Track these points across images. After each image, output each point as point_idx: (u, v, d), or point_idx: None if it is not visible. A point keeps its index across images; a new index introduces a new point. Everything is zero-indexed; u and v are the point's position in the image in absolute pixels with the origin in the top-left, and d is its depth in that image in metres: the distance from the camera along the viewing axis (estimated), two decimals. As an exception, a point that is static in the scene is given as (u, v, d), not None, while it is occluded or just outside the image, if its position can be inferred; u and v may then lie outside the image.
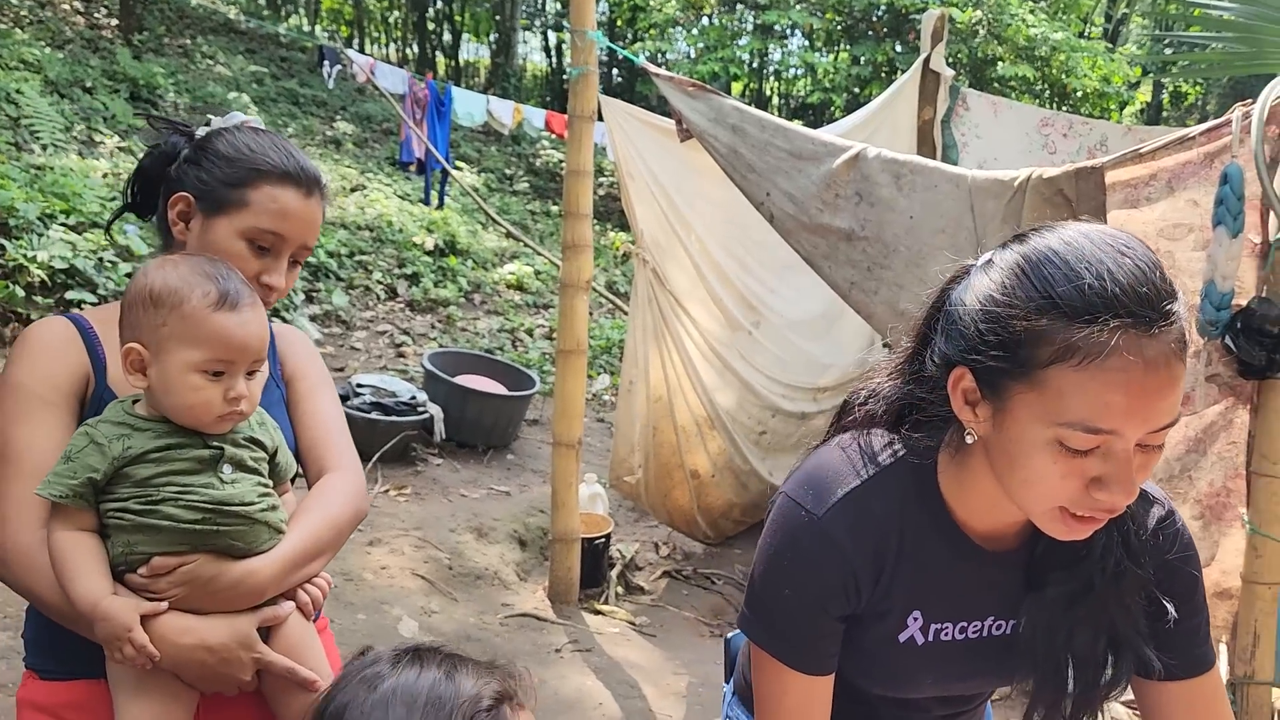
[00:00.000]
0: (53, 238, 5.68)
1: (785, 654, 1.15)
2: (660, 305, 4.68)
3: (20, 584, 1.25)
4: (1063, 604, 1.10)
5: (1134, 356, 0.90)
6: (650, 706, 3.56)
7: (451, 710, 0.85)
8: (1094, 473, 0.95)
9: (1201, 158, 3.06)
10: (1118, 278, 0.92)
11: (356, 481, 1.47)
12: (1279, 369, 2.93)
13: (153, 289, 1.23)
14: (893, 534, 1.12)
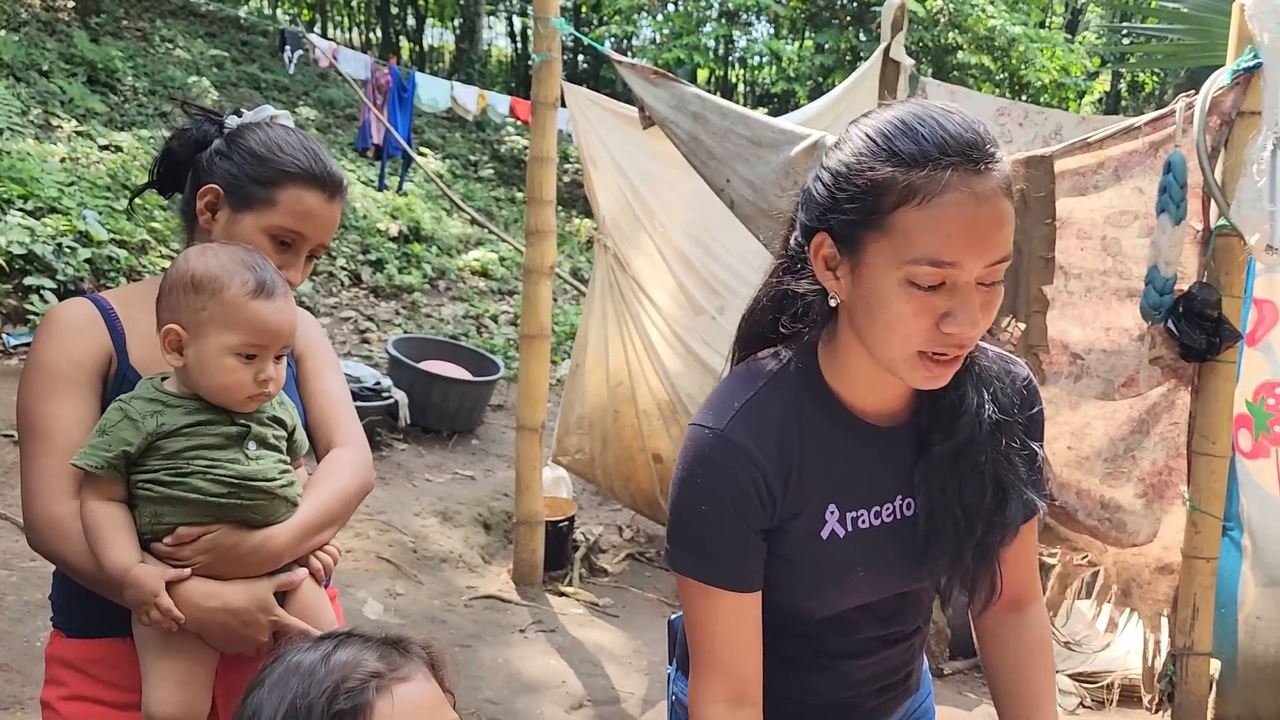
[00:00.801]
0: (10, 223, 5.63)
1: (711, 573, 1.19)
2: (622, 290, 4.73)
3: (52, 552, 1.33)
4: (949, 461, 1.18)
5: (966, 192, 1.02)
6: (613, 684, 3.62)
7: (318, 690, 0.89)
8: (942, 309, 1.05)
9: (1147, 147, 3.15)
10: (946, 128, 1.05)
11: (363, 455, 1.56)
12: (1218, 352, 3.04)
13: (194, 274, 1.30)
14: (793, 432, 1.18)
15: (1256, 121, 2.96)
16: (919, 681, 1.48)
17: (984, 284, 1.06)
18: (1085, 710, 3.61)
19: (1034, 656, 1.37)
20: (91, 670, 1.40)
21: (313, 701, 0.87)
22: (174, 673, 1.30)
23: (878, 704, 1.40)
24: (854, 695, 1.37)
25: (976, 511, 1.19)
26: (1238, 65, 3.01)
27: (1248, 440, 3.28)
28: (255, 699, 0.91)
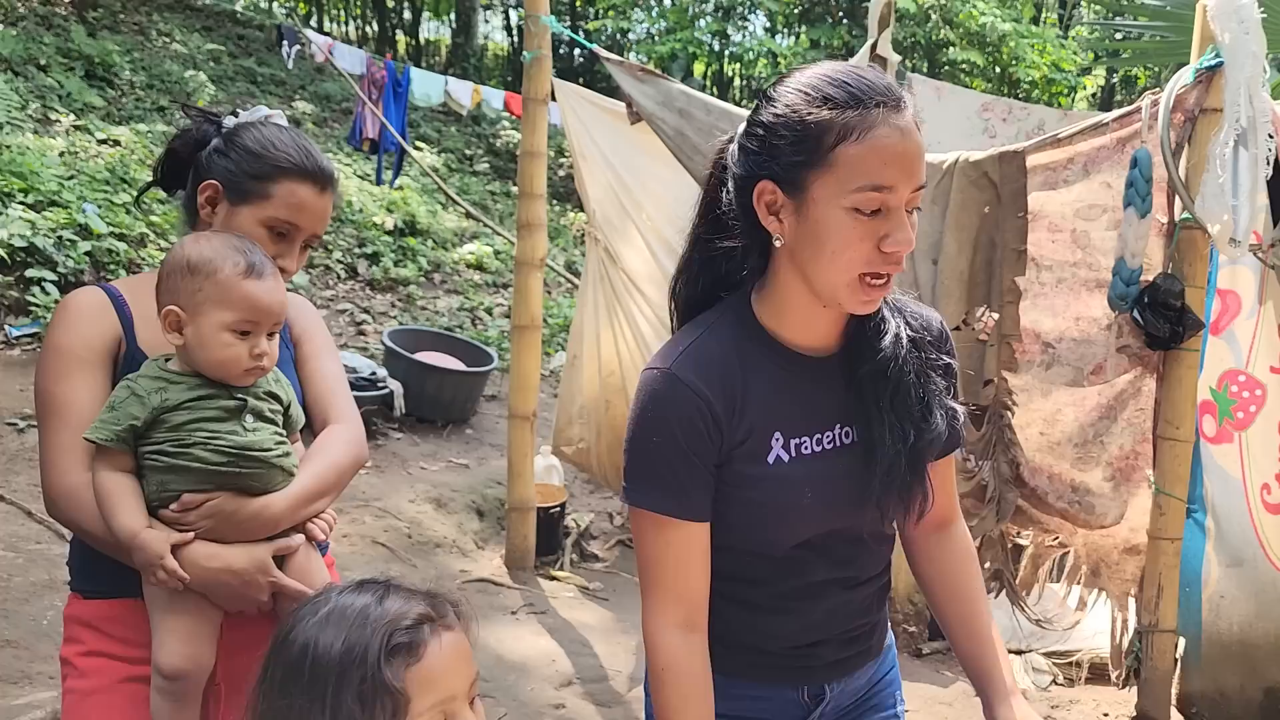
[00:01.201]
0: (11, 216, 5.72)
1: (662, 502, 1.29)
2: (612, 283, 4.84)
3: (68, 519, 1.46)
4: (879, 375, 1.32)
5: (893, 126, 1.19)
6: (601, 663, 3.74)
7: (374, 630, 0.99)
8: (881, 231, 1.21)
9: (1114, 143, 3.26)
10: (866, 77, 1.22)
11: (357, 431, 1.67)
12: (1182, 340, 3.16)
13: (190, 259, 1.42)
14: (734, 367, 1.31)
15: (1218, 118, 3.07)
16: (881, 646, 1.56)
17: (908, 210, 1.23)
18: (1057, 687, 3.73)
19: (964, 563, 1.55)
20: (106, 628, 1.51)
21: (370, 636, 0.97)
22: (181, 628, 1.42)
23: (839, 659, 1.47)
24: (815, 644, 1.44)
25: (906, 418, 1.32)
26: (1200, 64, 3.12)
27: (1212, 426, 3.40)
28: (302, 633, 0.99)
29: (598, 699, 3.50)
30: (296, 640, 1.00)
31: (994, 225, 3.33)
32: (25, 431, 4.55)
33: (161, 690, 1.42)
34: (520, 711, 3.32)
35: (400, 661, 0.97)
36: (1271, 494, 3.38)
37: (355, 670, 0.95)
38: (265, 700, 0.99)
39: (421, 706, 0.97)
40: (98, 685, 1.49)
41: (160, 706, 1.42)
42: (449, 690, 1.01)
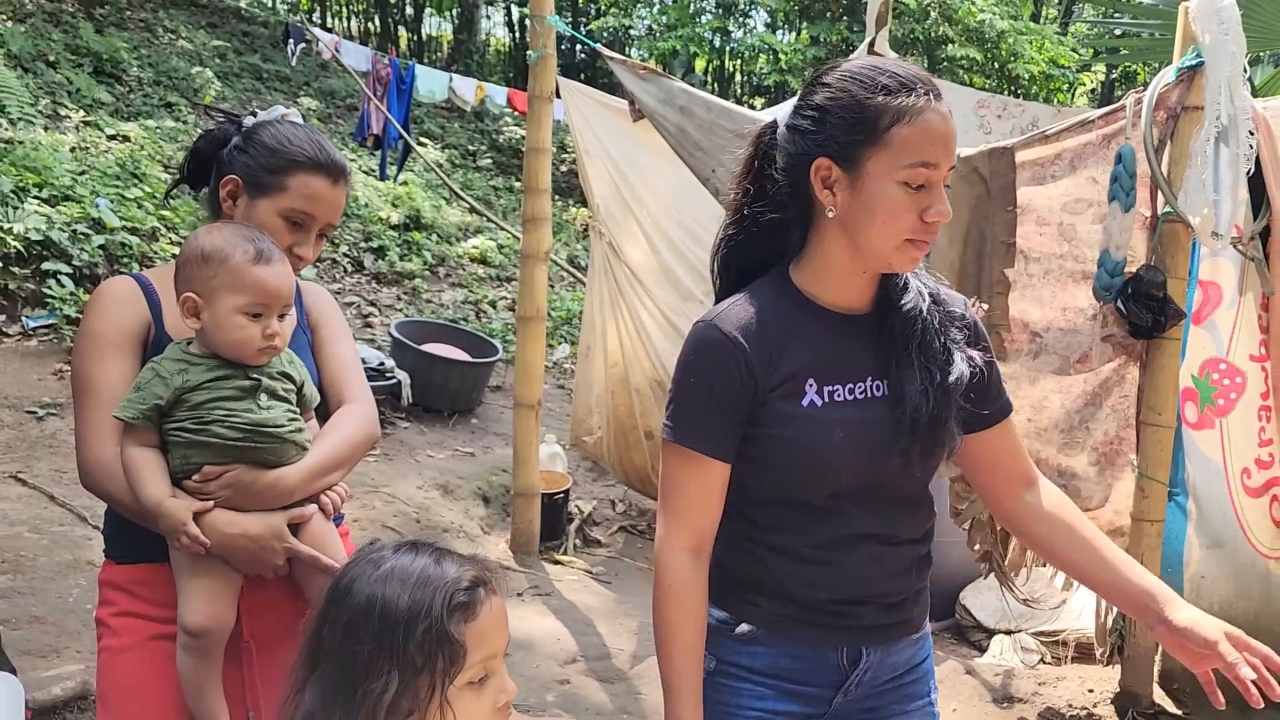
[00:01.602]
0: (28, 210, 5.85)
1: (689, 437, 1.45)
2: (616, 276, 4.97)
3: (101, 489, 1.58)
4: (906, 325, 1.46)
5: (936, 112, 1.38)
6: (604, 642, 3.87)
7: (437, 587, 1.10)
8: (925, 203, 1.39)
9: (1100, 139, 3.38)
10: (909, 69, 1.42)
11: (369, 410, 1.79)
12: (1164, 330, 3.28)
13: (203, 249, 1.54)
14: (771, 323, 1.46)
15: (1200, 116, 3.19)
16: (922, 623, 1.61)
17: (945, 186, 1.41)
18: (1045, 665, 3.86)
19: (1068, 506, 1.61)
20: (136, 590, 1.63)
21: (434, 594, 1.08)
22: (203, 589, 1.54)
23: (879, 624, 1.52)
24: (854, 601, 1.50)
25: (932, 360, 1.45)
26: (1182, 64, 3.25)
27: (1194, 412, 3.52)
28: (365, 587, 1.10)
29: (601, 676, 3.63)
30: (359, 593, 1.10)
31: (984, 219, 3.44)
32: (45, 419, 4.69)
33: (186, 646, 1.53)
34: (527, 687, 3.45)
35: (459, 617, 1.09)
36: (1251, 478, 3.50)
37: (421, 622, 1.06)
38: (328, 645, 1.10)
39: (473, 659, 1.09)
40: (128, 643, 1.61)
41: (185, 661, 1.54)
42: (494, 647, 1.14)
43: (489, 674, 1.12)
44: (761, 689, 1.53)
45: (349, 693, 1.06)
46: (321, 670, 1.09)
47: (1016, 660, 3.85)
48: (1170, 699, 3.51)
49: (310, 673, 1.10)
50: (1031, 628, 3.96)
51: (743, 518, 1.53)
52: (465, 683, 1.09)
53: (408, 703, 1.05)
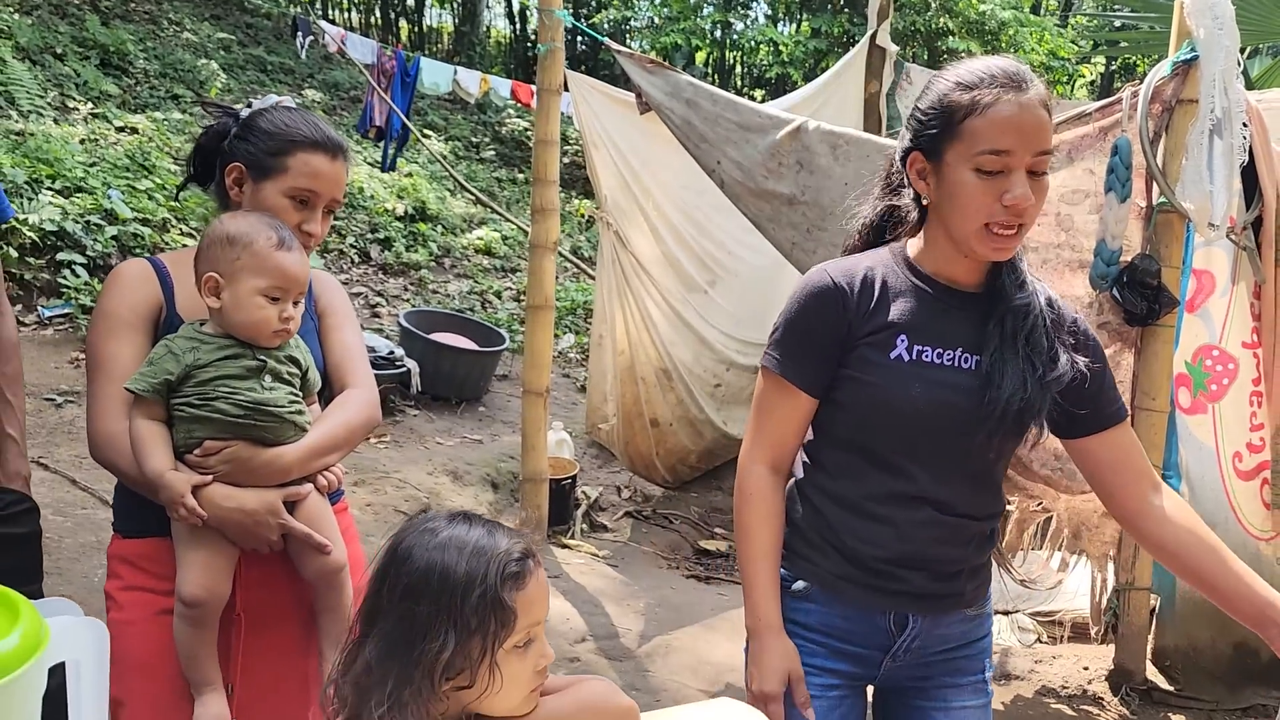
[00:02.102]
0: (42, 201, 5.94)
1: (783, 366, 1.58)
2: (623, 266, 5.06)
3: (108, 461, 1.65)
4: (1018, 315, 1.54)
5: (1011, 101, 1.45)
6: (613, 622, 3.97)
7: (492, 558, 1.18)
8: (1003, 188, 1.46)
9: (1097, 131, 3.47)
10: (995, 64, 1.50)
11: (371, 395, 1.85)
12: (1158, 317, 3.38)
13: (229, 232, 1.63)
14: (876, 278, 1.58)
15: (1194, 109, 3.28)
16: (977, 599, 1.66)
17: (1034, 172, 1.47)
18: (1041, 644, 3.97)
19: (1190, 513, 1.65)
20: (141, 564, 1.69)
21: (490, 562, 1.17)
22: (200, 561, 1.60)
23: (930, 593, 1.58)
24: (906, 563, 1.56)
25: (1038, 354, 1.52)
26: (1177, 58, 3.34)
27: (1187, 398, 3.61)
28: (423, 554, 1.17)
29: (609, 654, 3.73)
30: (419, 559, 1.18)
31: (983, 209, 3.52)
32: (63, 406, 4.78)
33: (182, 616, 1.59)
34: (538, 664, 3.55)
35: (511, 586, 1.17)
36: (1243, 461, 3.60)
37: (477, 588, 1.15)
38: (386, 604, 1.18)
39: (521, 625, 1.18)
40: (135, 617, 1.66)
41: (181, 630, 1.59)
42: (538, 615, 1.22)
43: (532, 639, 1.21)
44: (814, 645, 1.63)
45: (407, 648, 1.14)
46: (381, 627, 1.17)
47: (1014, 639, 3.95)
48: (1163, 676, 3.62)
49: (370, 628, 1.18)
50: (1028, 608, 4.06)
51: (815, 465, 1.64)
52: (512, 646, 1.18)
53: (460, 661, 1.14)
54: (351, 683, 1.17)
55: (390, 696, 1.13)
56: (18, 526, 1.94)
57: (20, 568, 1.91)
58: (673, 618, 4.04)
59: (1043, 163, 1.46)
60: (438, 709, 1.17)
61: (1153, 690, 3.54)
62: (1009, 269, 1.56)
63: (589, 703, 1.30)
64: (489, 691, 1.17)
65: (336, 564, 1.69)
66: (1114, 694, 3.55)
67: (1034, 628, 4.02)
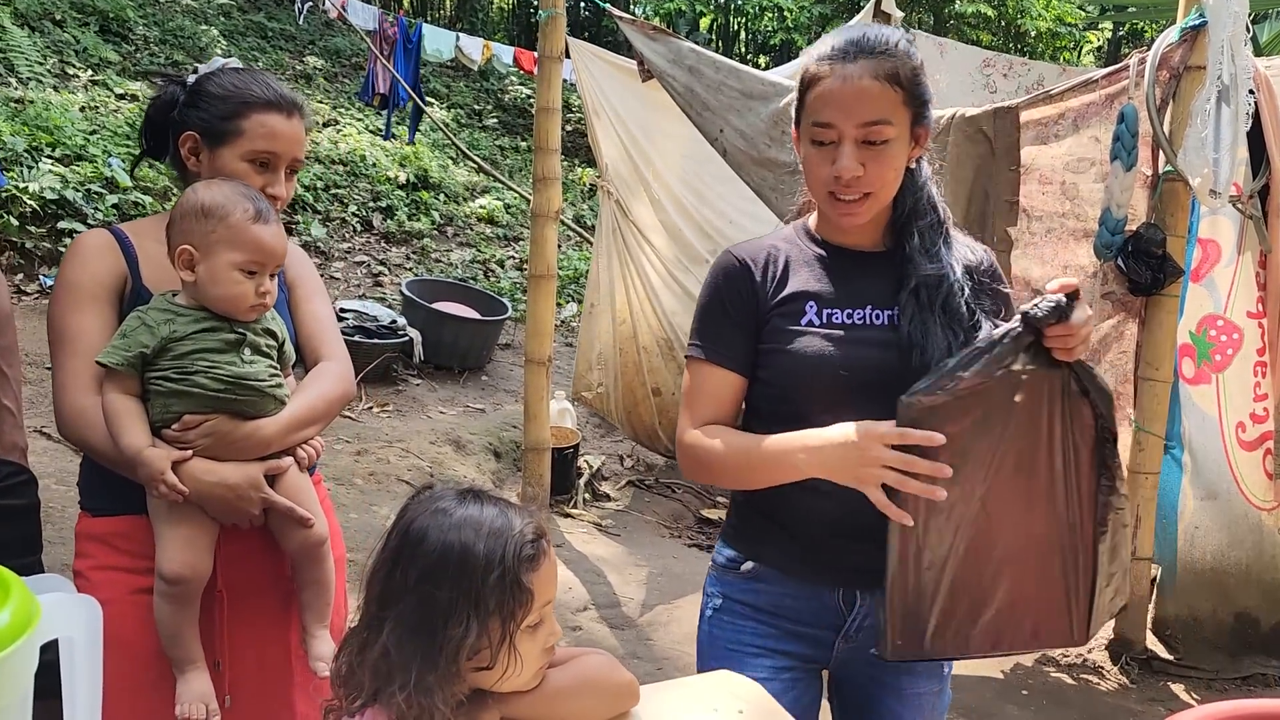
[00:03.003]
0: (43, 169, 5.91)
1: (705, 349, 1.58)
2: (624, 235, 5.03)
3: (78, 438, 1.60)
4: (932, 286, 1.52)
5: (836, 75, 1.46)
6: (614, 591, 3.99)
7: (508, 539, 1.17)
8: (834, 159, 1.47)
9: (1103, 99, 3.43)
10: (845, 34, 1.50)
11: (345, 367, 1.82)
12: (1162, 287, 3.35)
13: (204, 203, 1.56)
14: (780, 252, 1.60)
15: (1202, 76, 3.24)
16: None
17: (867, 142, 1.45)
18: (1042, 613, 3.98)
19: None
20: (114, 543, 1.64)
21: (507, 544, 1.15)
22: (180, 538, 1.56)
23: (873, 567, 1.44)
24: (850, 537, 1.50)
25: (957, 323, 1.50)
26: (1185, 23, 3.29)
27: (1191, 368, 3.60)
28: (439, 536, 1.16)
29: (611, 623, 3.75)
30: (434, 541, 1.16)
31: (987, 177, 3.50)
32: (66, 376, 4.78)
33: (163, 594, 1.55)
34: (540, 632, 3.58)
35: (528, 566, 1.17)
36: (1246, 432, 3.60)
37: (497, 568, 1.14)
38: (401, 587, 1.16)
39: (537, 605, 1.18)
40: (110, 597, 1.59)
41: (162, 608, 1.56)
42: (550, 595, 1.22)
43: (543, 620, 1.21)
44: (765, 627, 1.62)
45: (428, 633, 1.14)
46: (398, 611, 1.15)
47: (1014, 608, 3.97)
48: (1163, 645, 3.63)
49: (385, 612, 1.17)
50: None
51: None
52: (527, 626, 1.18)
53: (480, 642, 1.14)
54: (370, 667, 1.15)
55: (415, 680, 1.12)
56: (15, 498, 1.91)
57: (19, 539, 1.89)
58: (675, 587, 4.06)
59: (875, 132, 1.45)
60: (459, 690, 1.17)
61: (1152, 659, 3.56)
62: (915, 235, 1.55)
63: (589, 677, 1.30)
64: (509, 672, 1.17)
65: (319, 537, 1.67)
66: (1114, 663, 3.57)
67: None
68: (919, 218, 1.55)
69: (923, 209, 1.55)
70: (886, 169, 1.47)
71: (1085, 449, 1.45)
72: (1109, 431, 1.46)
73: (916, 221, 1.55)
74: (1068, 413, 1.43)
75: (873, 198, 1.49)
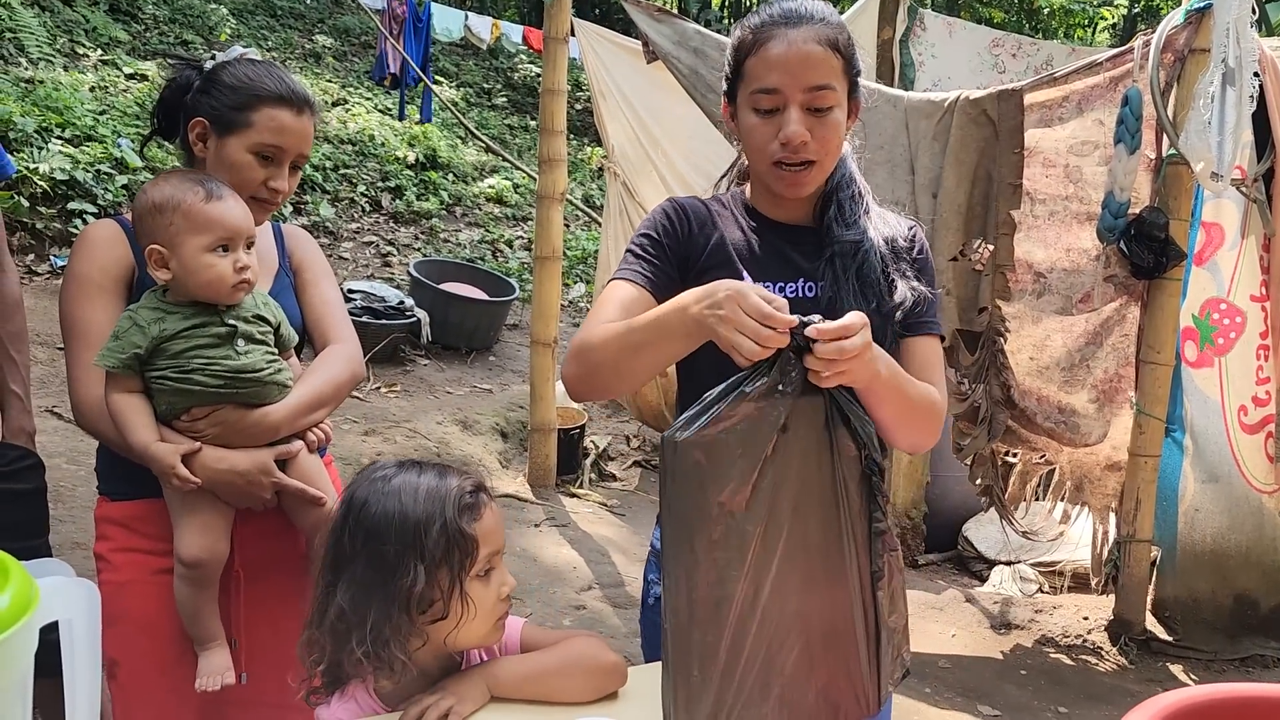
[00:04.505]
0: (52, 151, 5.95)
1: (624, 271, 1.51)
2: (631, 216, 5.04)
3: (94, 428, 1.64)
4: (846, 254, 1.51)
5: (781, 39, 1.41)
6: (619, 571, 4.03)
7: (445, 496, 1.24)
8: (780, 126, 1.42)
9: (1107, 82, 3.43)
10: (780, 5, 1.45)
11: (353, 350, 1.84)
12: (1165, 270, 3.36)
13: (154, 201, 1.58)
14: (716, 214, 1.56)
15: (1206, 59, 3.23)
16: None
17: (813, 109, 1.42)
18: (1042, 594, 4.01)
19: None
20: (133, 526, 1.67)
21: (445, 498, 1.23)
22: (197, 523, 1.59)
23: None
24: None
25: (870, 288, 1.50)
26: (1191, 5, 3.28)
27: (1193, 351, 3.61)
28: (379, 502, 1.23)
29: (615, 602, 3.79)
30: (374, 506, 1.24)
31: (991, 160, 3.49)
32: (77, 356, 4.83)
33: (183, 577, 1.59)
34: (544, 612, 3.62)
35: (469, 517, 1.24)
36: (1248, 415, 3.60)
37: (437, 520, 1.21)
38: (349, 552, 1.23)
39: (482, 554, 1.24)
40: (131, 578, 1.67)
41: (182, 590, 1.60)
42: (496, 544, 1.28)
43: (492, 568, 1.27)
44: None
45: (381, 586, 1.20)
46: (349, 573, 1.22)
47: (1015, 590, 4.00)
48: (1162, 626, 3.65)
49: (336, 577, 1.23)
50: (1030, 559, 4.09)
51: None
52: (475, 575, 1.24)
53: (433, 593, 1.20)
54: (328, 630, 1.22)
55: (371, 634, 1.18)
56: (23, 483, 1.95)
57: (27, 522, 1.93)
58: (678, 566, 4.10)
59: (819, 98, 1.41)
60: (415, 644, 1.22)
61: (1151, 640, 3.59)
62: (836, 207, 1.54)
63: (576, 657, 1.34)
64: (464, 620, 1.22)
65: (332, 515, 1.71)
66: (1113, 644, 3.60)
67: (1035, 578, 4.06)
68: (841, 190, 1.55)
69: (845, 182, 1.55)
70: (831, 136, 1.45)
71: (854, 484, 1.25)
72: (874, 463, 1.26)
73: (839, 194, 1.54)
74: (834, 445, 1.23)
75: (817, 166, 1.46)
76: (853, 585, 1.25)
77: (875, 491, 1.26)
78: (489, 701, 1.28)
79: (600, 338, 1.40)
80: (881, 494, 1.28)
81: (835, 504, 1.24)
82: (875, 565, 1.27)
